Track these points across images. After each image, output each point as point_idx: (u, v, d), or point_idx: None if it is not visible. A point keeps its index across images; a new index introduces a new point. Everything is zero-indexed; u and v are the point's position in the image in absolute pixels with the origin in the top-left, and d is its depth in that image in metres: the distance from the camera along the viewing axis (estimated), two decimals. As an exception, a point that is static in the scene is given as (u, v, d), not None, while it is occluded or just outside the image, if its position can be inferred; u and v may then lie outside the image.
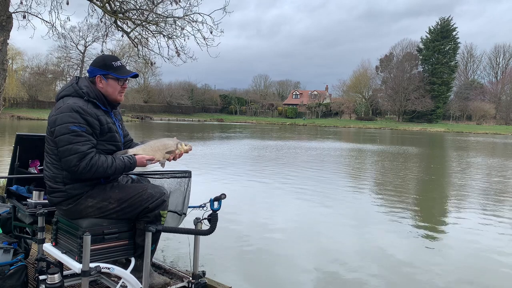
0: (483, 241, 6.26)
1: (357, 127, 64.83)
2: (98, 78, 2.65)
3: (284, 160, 16.95)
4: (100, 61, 2.70)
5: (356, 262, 5.20)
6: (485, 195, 10.26)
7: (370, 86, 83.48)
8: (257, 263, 5.15)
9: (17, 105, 53.98)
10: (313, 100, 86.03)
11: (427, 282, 4.66)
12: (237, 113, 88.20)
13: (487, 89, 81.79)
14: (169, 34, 7.74)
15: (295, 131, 47.50)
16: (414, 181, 12.63)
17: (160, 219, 2.67)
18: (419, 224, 7.25)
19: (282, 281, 4.63)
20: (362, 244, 5.99)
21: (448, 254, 5.71)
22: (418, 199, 9.98)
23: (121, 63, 2.72)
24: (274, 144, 25.21)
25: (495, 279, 4.87)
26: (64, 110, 2.50)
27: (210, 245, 5.24)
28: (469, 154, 22.87)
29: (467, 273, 5.04)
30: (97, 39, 51.91)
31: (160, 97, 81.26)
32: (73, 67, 65.46)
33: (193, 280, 2.87)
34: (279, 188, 10.33)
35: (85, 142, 2.47)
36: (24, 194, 3.61)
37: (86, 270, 2.42)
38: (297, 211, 8.01)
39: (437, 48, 74.27)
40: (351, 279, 4.70)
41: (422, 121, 72.68)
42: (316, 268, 4.98)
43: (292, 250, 5.66)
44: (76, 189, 2.55)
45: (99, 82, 2.66)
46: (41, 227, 2.98)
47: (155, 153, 2.70)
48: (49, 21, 7.35)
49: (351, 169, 15.08)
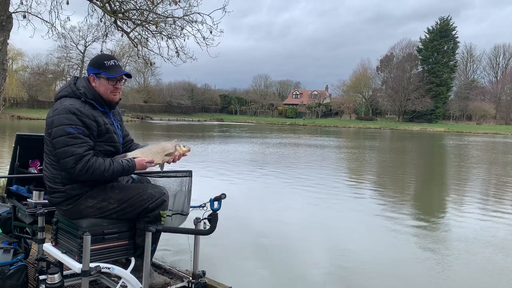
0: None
1: (357, 127, 64.81)
2: (91, 77, 2.64)
3: (284, 159, 16.94)
4: (94, 60, 2.69)
5: (361, 263, 5.20)
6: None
7: (370, 86, 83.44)
8: (257, 263, 5.15)
9: (17, 105, 53.90)
10: (313, 100, 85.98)
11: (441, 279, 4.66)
12: (237, 113, 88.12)
13: (487, 89, 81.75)
14: (169, 34, 7.73)
15: (295, 131, 47.46)
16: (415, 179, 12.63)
17: (160, 219, 2.67)
18: (421, 218, 7.26)
19: (282, 281, 4.64)
20: (362, 244, 6.00)
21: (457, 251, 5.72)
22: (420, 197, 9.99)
23: (114, 62, 2.65)
24: (274, 144, 25.19)
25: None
26: (60, 111, 2.48)
27: (210, 245, 5.24)
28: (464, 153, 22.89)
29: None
30: (97, 39, 51.77)
31: (160, 97, 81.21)
32: (73, 67, 65.41)
33: (193, 280, 2.88)
34: (279, 188, 10.33)
35: (82, 144, 2.46)
36: (24, 194, 3.61)
37: (86, 270, 2.42)
38: (297, 210, 8.02)
39: (436, 48, 74.21)
40: (352, 280, 4.70)
41: (422, 121, 72.62)
42: (316, 268, 4.98)
43: (292, 250, 5.66)
44: (75, 189, 2.55)
45: (92, 81, 2.64)
46: (41, 227, 2.98)
47: (154, 156, 2.70)
48: (49, 21, 7.35)
49: (351, 168, 15.09)
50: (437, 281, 4.73)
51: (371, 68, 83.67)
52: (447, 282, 4.72)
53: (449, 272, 5.02)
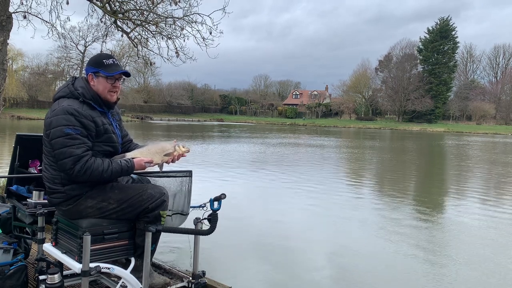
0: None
1: (357, 127, 64.81)
2: (90, 76, 2.63)
3: (284, 159, 16.94)
4: (93, 59, 2.68)
5: (362, 263, 5.20)
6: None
7: (370, 86, 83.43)
8: (257, 263, 5.15)
9: (17, 105, 53.88)
10: (313, 100, 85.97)
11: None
12: (237, 113, 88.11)
13: (487, 89, 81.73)
14: (168, 35, 7.73)
15: (295, 131, 47.46)
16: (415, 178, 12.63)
17: (160, 219, 2.67)
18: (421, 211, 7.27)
19: (282, 281, 4.64)
20: (362, 244, 6.00)
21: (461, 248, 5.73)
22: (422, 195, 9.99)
23: (113, 61, 2.63)
24: (274, 144, 25.19)
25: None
26: (58, 112, 2.47)
27: (210, 245, 5.24)
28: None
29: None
30: (97, 39, 52.01)
31: (160, 97, 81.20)
32: (73, 67, 65.41)
33: (193, 280, 2.87)
34: (279, 188, 10.33)
35: (80, 145, 2.45)
36: (24, 194, 3.61)
37: (86, 270, 2.41)
38: (297, 210, 8.01)
39: (436, 48, 74.22)
40: (352, 280, 4.70)
41: (422, 121, 72.61)
42: (316, 268, 4.98)
43: (292, 250, 5.66)
44: (75, 190, 2.55)
45: (91, 80, 2.63)
46: (41, 227, 2.98)
47: (153, 156, 2.69)
48: (49, 21, 7.35)
49: (351, 168, 15.08)
50: (437, 280, 4.73)
51: (371, 68, 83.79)
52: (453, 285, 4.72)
53: (450, 273, 5.02)
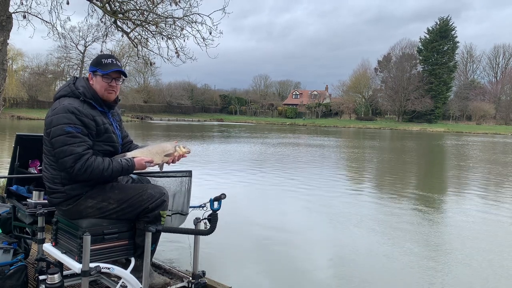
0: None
1: (357, 127, 64.80)
2: (90, 75, 2.67)
3: (284, 159, 16.93)
4: (94, 58, 2.72)
5: (362, 263, 5.20)
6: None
7: (370, 86, 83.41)
8: (257, 263, 5.16)
9: (17, 105, 53.87)
10: (313, 100, 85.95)
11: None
12: (237, 113, 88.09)
13: (486, 89, 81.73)
14: (168, 35, 7.74)
15: (295, 131, 47.45)
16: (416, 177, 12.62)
17: (160, 219, 2.67)
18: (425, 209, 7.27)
19: (282, 281, 4.64)
20: (362, 244, 6.00)
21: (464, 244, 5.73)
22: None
23: (111, 61, 2.65)
24: (274, 144, 25.19)
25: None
26: (59, 111, 2.48)
27: (211, 245, 5.24)
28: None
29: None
30: (97, 39, 51.88)
31: (160, 97, 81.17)
32: (73, 67, 65.38)
33: (193, 280, 2.88)
34: (280, 188, 10.33)
35: (81, 144, 2.46)
36: (24, 194, 3.61)
37: (86, 270, 2.42)
38: (297, 210, 8.02)
39: (436, 49, 74.21)
40: (352, 280, 4.70)
41: (422, 121, 72.59)
42: (316, 268, 4.98)
43: (292, 250, 5.66)
44: (75, 189, 2.55)
45: (90, 79, 2.66)
46: (41, 227, 2.98)
47: (154, 156, 2.70)
48: (49, 21, 7.36)
49: (351, 167, 15.09)
50: (436, 278, 4.73)
51: (371, 69, 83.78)
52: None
53: (452, 274, 5.02)
